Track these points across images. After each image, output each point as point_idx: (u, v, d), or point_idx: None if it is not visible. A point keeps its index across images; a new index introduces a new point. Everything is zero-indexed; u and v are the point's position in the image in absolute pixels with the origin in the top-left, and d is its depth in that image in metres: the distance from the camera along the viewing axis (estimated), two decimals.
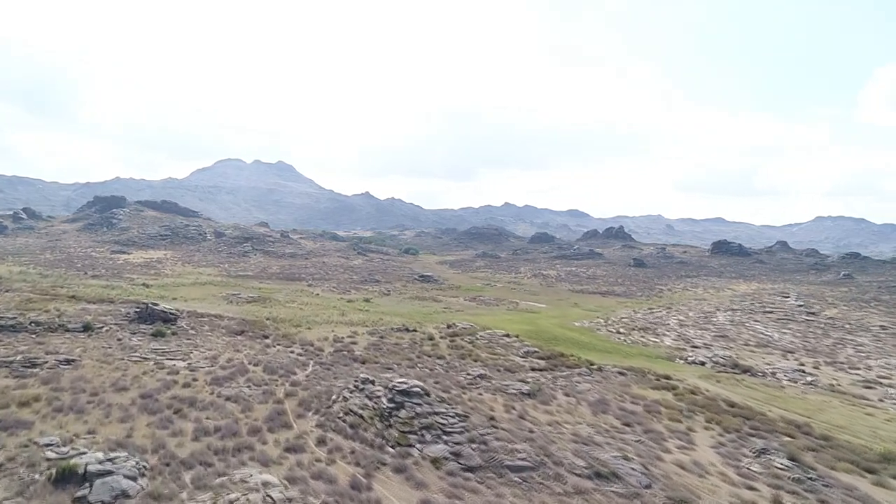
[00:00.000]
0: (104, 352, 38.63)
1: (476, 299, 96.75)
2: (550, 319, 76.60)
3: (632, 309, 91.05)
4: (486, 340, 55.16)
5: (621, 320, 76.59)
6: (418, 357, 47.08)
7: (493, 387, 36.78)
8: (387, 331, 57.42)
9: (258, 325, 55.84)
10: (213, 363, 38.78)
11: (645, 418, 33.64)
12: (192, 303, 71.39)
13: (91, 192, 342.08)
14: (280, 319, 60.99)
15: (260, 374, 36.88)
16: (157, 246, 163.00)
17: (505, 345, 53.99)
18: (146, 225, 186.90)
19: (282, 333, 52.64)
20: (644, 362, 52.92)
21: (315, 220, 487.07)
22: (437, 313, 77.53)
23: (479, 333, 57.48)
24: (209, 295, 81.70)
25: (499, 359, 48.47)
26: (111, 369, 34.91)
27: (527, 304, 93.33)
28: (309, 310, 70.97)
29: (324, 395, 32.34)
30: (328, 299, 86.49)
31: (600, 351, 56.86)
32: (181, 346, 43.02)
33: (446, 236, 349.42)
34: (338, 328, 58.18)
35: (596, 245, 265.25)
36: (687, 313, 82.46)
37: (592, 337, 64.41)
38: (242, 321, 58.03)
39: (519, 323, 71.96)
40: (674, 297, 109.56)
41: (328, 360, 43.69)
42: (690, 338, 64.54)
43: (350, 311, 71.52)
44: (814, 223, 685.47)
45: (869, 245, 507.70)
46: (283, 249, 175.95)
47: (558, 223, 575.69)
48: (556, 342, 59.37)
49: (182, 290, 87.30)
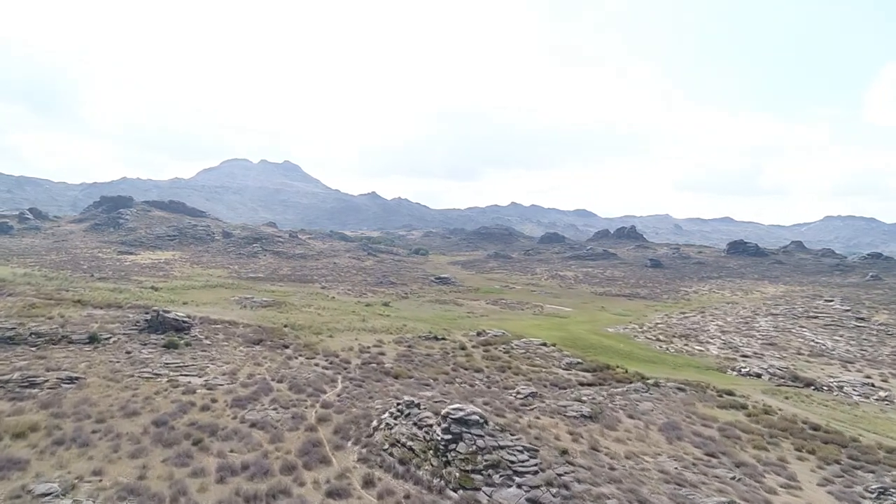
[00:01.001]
0: (112, 367, 34.66)
1: (498, 302, 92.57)
2: (581, 325, 72.41)
3: (664, 313, 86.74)
4: (523, 350, 51.01)
5: (657, 326, 72.34)
6: (454, 370, 43.00)
7: (549, 408, 32.63)
8: (414, 339, 53.37)
9: (276, 334, 51.85)
10: (232, 380, 34.78)
11: (727, 446, 29.44)
12: (204, 308, 67.52)
13: (98, 193, 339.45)
14: (299, 326, 57.03)
15: (286, 393, 32.87)
16: (165, 247, 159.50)
17: (543, 355, 49.84)
18: (153, 225, 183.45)
19: (303, 343, 48.63)
20: (696, 374, 48.72)
21: (321, 219, 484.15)
22: (462, 319, 73.44)
23: (513, 342, 53.32)
24: (221, 299, 77.86)
25: (540, 371, 44.34)
26: (120, 388, 30.95)
27: (551, 307, 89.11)
28: (328, 315, 66.99)
29: (362, 421, 28.28)
30: (345, 303, 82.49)
31: (645, 361, 52.67)
32: (196, 358, 39.04)
33: (455, 236, 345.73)
34: (361, 336, 54.19)
35: (608, 245, 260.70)
36: (725, 318, 78.09)
37: (632, 345, 60.18)
38: (259, 329, 54.06)
39: (550, 329, 67.83)
40: (702, 300, 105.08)
41: (357, 374, 39.63)
42: (737, 346, 60.22)
43: (371, 317, 67.50)
44: (823, 223, 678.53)
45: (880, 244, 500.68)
46: (292, 250, 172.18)
47: (566, 223, 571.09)
48: (594, 351, 55.25)
49: (192, 293, 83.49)
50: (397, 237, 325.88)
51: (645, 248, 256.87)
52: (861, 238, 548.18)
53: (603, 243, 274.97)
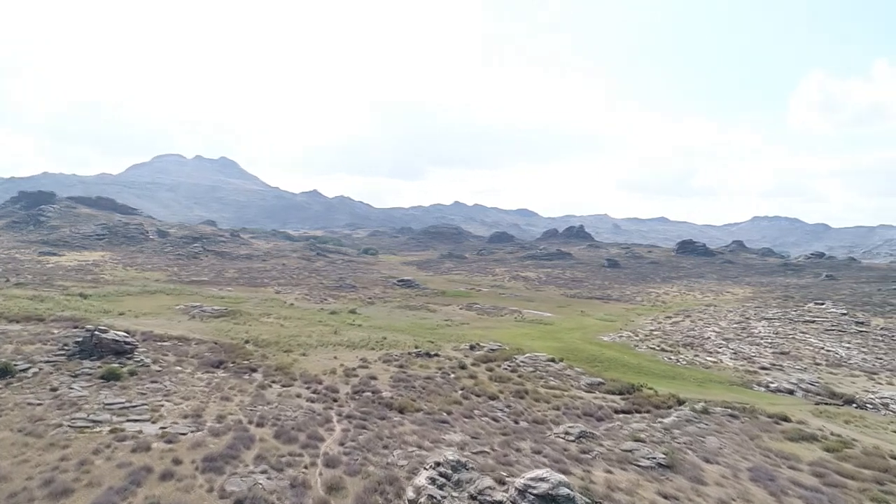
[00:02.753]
0: (30, 414, 25.77)
1: (472, 308, 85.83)
2: (572, 333, 66.65)
3: (649, 317, 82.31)
4: (531, 368, 44.43)
5: (653, 334, 67.35)
6: (465, 398, 35.92)
7: (613, 455, 26.03)
8: (404, 356, 45.95)
9: (239, 353, 43.36)
10: (197, 424, 26.58)
11: (840, 500, 23.65)
12: (146, 319, 57.84)
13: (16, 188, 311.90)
14: (264, 342, 48.58)
15: (272, 444, 25.02)
16: (93, 247, 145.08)
17: (556, 374, 43.41)
18: (80, 223, 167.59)
19: (273, 365, 40.38)
20: (725, 392, 43.46)
21: (260, 218, 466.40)
22: (442, 328, 66.36)
23: (518, 359, 46.67)
24: (163, 307, 67.89)
25: (562, 396, 37.85)
26: (42, 447, 22.38)
27: (531, 312, 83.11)
28: (293, 326, 58.56)
29: (388, 489, 20.83)
30: (307, 311, 73.85)
31: (662, 377, 47.09)
32: (145, 393, 30.43)
33: (403, 235, 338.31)
34: (340, 353, 46.35)
35: (557, 245, 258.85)
36: (718, 323, 74.11)
37: (637, 356, 54.65)
38: (217, 347, 45.36)
39: (541, 338, 61.69)
40: (678, 303, 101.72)
41: (353, 408, 31.95)
42: (750, 356, 55.64)
43: (342, 328, 59.53)
44: (751, 223, 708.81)
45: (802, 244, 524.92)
46: (237, 251, 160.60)
47: (508, 222, 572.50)
48: (602, 366, 49.34)
49: (129, 300, 72.98)
50: (343, 236, 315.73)
51: (597, 248, 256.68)
52: (786, 237, 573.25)
53: (552, 243, 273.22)
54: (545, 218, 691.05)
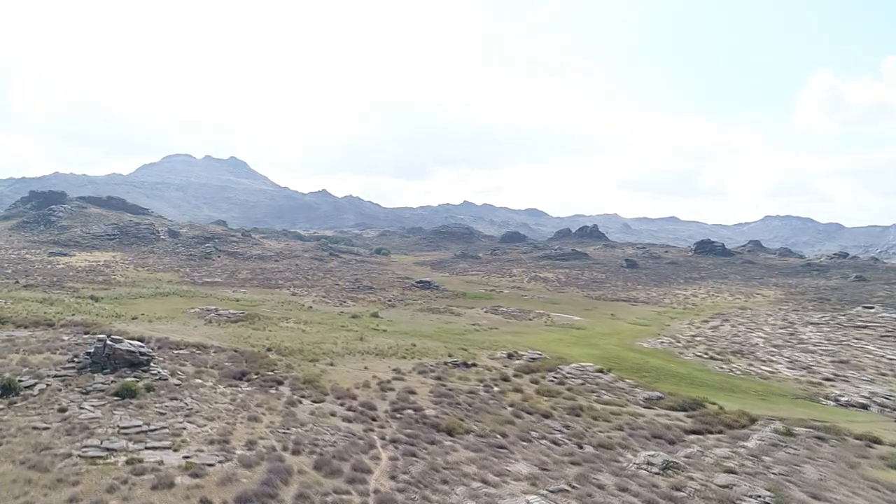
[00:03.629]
0: (35, 441, 22.41)
1: (498, 311, 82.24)
2: (607, 339, 62.97)
3: (684, 321, 78.53)
4: (580, 381, 40.84)
5: (695, 339, 63.57)
6: (516, 415, 32.39)
7: (709, 492, 22.37)
8: (439, 366, 42.47)
9: (262, 363, 40.00)
10: (225, 452, 23.18)
11: None
12: (160, 325, 54.66)
13: (27, 188, 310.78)
14: (286, 350, 45.22)
15: (312, 477, 21.63)
16: (104, 247, 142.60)
17: (608, 387, 39.81)
18: (90, 223, 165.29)
19: (301, 377, 36.95)
20: (792, 407, 39.71)
21: (270, 218, 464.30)
22: (470, 333, 62.82)
23: (563, 369, 43.11)
24: (178, 311, 64.77)
25: (621, 413, 34.25)
26: (47, 485, 19.03)
27: (559, 316, 79.46)
28: (315, 332, 55.21)
29: None
30: (327, 314, 70.51)
31: (719, 389, 43.39)
32: (165, 413, 27.08)
33: (413, 235, 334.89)
34: (370, 362, 42.92)
35: (571, 244, 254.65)
36: (761, 328, 70.27)
37: (687, 366, 50.92)
38: (237, 355, 42.07)
39: (576, 345, 58.10)
40: (709, 305, 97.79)
41: (396, 430, 28.51)
42: (808, 365, 51.74)
43: (368, 334, 56.09)
44: (763, 222, 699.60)
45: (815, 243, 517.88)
46: (249, 251, 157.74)
47: (518, 222, 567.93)
48: (650, 376, 45.69)
49: (141, 303, 69.91)
50: (353, 236, 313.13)
51: (612, 248, 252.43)
52: (798, 237, 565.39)
53: (566, 243, 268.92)
54: (554, 217, 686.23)
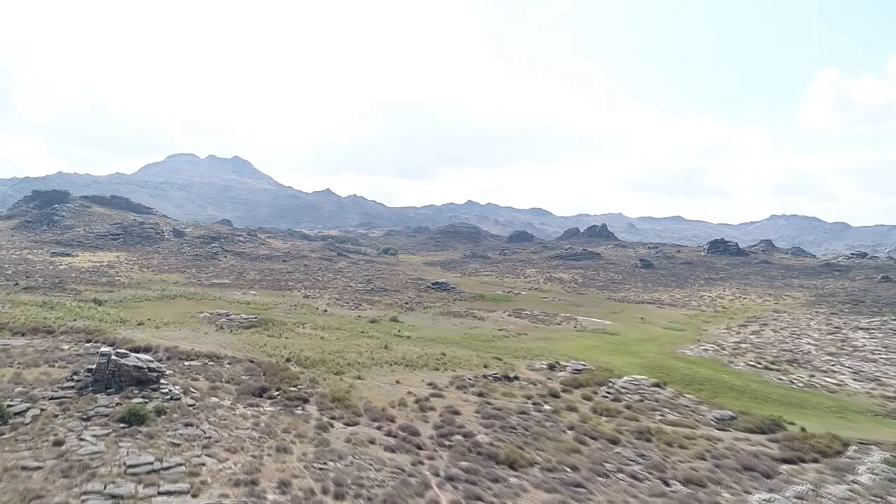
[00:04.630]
0: (24, 488, 18.26)
1: (521, 314, 77.99)
2: (645, 346, 58.78)
3: (720, 325, 74.27)
4: (637, 397, 36.68)
5: (741, 346, 59.29)
6: (579, 441, 28.25)
7: None
8: (477, 380, 38.35)
9: (283, 376, 35.90)
10: (255, 499, 19.12)
11: None
12: (168, 331, 50.67)
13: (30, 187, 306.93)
14: (307, 360, 41.16)
15: None
16: (108, 247, 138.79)
17: (669, 404, 35.64)
18: (94, 223, 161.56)
19: (328, 394, 32.86)
20: (877, 427, 35.48)
21: (274, 218, 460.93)
22: (499, 339, 58.70)
23: (615, 384, 38.94)
24: (186, 315, 60.77)
25: (695, 437, 30.10)
26: None
27: (588, 320, 75.14)
28: (334, 339, 51.13)
29: None
30: (345, 319, 66.43)
31: (786, 405, 39.18)
32: (179, 444, 23.00)
33: (419, 235, 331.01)
34: (401, 375, 38.84)
35: (580, 244, 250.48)
36: (807, 333, 66.04)
37: (742, 377, 46.69)
38: (254, 367, 38.06)
39: (614, 353, 53.95)
40: (739, 308, 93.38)
41: (448, 460, 24.45)
42: (876, 376, 47.50)
43: (391, 341, 51.97)
44: (769, 221, 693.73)
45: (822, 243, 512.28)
46: (256, 251, 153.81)
47: (522, 221, 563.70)
48: (704, 389, 41.57)
49: (147, 307, 65.96)
50: (359, 236, 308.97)
51: (624, 248, 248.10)
52: (805, 236, 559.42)
53: (575, 242, 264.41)
54: (559, 217, 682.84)
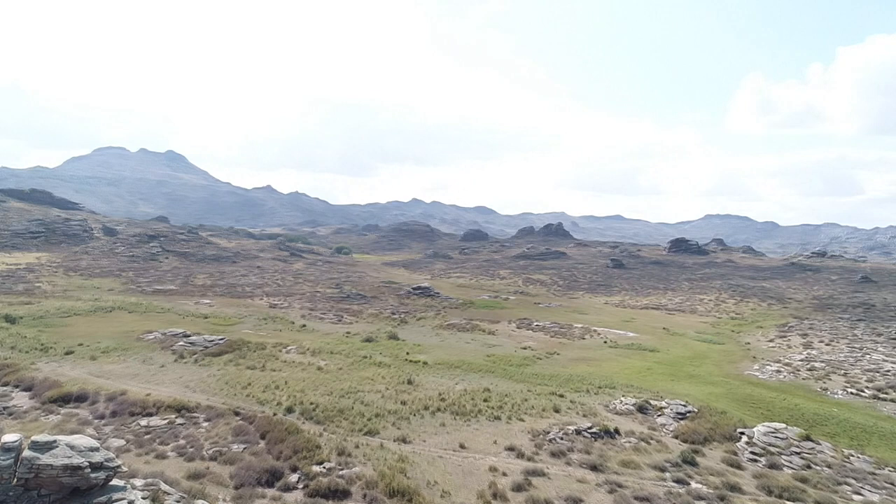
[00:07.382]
0: None
1: (530, 325, 67.41)
2: (700, 366, 49.33)
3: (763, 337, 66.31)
4: (801, 461, 26.58)
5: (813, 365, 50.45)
6: None
7: None
8: (567, 437, 27.48)
9: (291, 442, 24.12)
10: None
11: None
12: (108, 363, 37.48)
13: None
14: (318, 410, 29.31)
15: None
16: (26, 247, 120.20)
17: (840, 468, 25.78)
18: (10, 219, 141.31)
19: (375, 478, 21.38)
20: None
21: (212, 215, 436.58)
22: (531, 361, 47.86)
23: (753, 437, 28.75)
24: (129, 336, 47.13)
25: None
26: None
27: (607, 331, 65.38)
28: (335, 369, 39.14)
29: None
30: (332, 336, 54.12)
31: None
32: None
33: (371, 233, 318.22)
34: (458, 432, 27.61)
35: (538, 242, 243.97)
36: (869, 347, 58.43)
37: (863, 413, 37.58)
38: (245, 425, 26.15)
39: (673, 377, 44.36)
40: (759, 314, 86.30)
41: None
42: None
43: (408, 369, 40.48)
44: (704, 220, 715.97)
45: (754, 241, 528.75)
46: (201, 251, 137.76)
47: (468, 220, 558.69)
48: (833, 433, 32.15)
49: (77, 324, 51.79)
50: (307, 234, 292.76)
51: (586, 247, 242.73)
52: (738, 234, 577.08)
53: (531, 241, 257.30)
54: (503, 216, 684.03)
